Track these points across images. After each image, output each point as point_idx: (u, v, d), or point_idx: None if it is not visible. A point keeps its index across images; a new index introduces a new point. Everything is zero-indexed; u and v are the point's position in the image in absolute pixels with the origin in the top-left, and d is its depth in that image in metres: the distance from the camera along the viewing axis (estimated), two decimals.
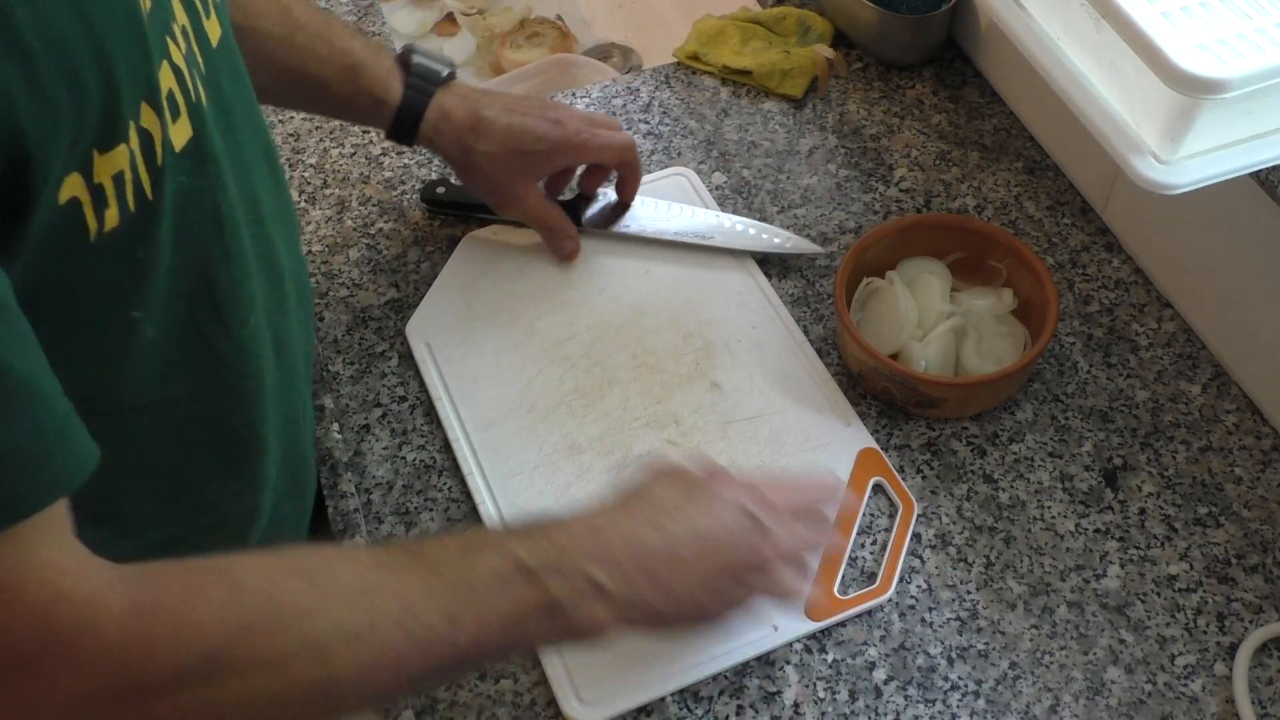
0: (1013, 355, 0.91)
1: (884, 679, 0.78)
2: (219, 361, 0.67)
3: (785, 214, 1.04)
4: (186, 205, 0.60)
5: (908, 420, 0.91)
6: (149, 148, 0.56)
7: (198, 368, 0.65)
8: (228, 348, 0.67)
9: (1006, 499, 0.86)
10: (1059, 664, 0.79)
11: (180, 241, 0.60)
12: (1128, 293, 0.98)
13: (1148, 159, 0.70)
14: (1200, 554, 0.84)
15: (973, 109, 1.12)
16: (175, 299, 0.61)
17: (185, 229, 0.60)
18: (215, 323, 0.65)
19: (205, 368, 0.66)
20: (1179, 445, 0.89)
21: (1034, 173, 1.07)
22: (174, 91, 0.58)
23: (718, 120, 1.12)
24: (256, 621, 0.54)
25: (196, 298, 0.63)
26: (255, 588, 0.55)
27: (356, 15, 1.23)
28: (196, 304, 0.63)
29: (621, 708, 0.76)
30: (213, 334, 0.65)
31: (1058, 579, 0.82)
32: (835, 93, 1.15)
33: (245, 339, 0.68)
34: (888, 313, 0.93)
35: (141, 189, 0.55)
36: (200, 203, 0.61)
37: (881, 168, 1.08)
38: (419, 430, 0.91)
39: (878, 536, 0.85)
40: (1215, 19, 0.68)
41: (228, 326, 0.66)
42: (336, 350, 0.96)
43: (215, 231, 0.63)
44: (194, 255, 0.62)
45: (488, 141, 0.91)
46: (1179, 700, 0.77)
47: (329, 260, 1.01)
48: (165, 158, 0.57)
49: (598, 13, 1.47)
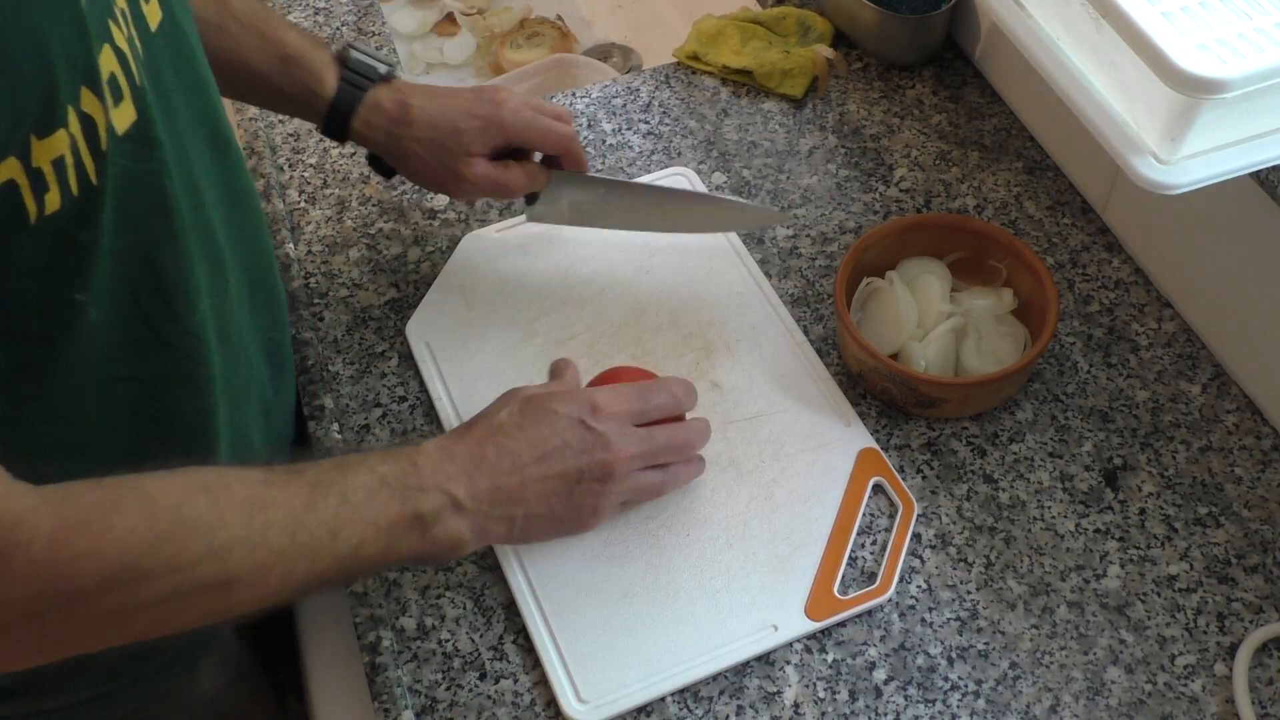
0: (1013, 355, 0.91)
1: (884, 679, 0.78)
2: (165, 345, 0.68)
3: (785, 214, 1.04)
4: (130, 189, 0.61)
5: (908, 420, 0.91)
6: (91, 132, 0.56)
7: (143, 351, 0.67)
8: (174, 332, 0.68)
9: (1006, 499, 0.86)
10: (1059, 664, 0.79)
11: (123, 225, 0.61)
12: (1128, 293, 0.98)
13: (1148, 159, 0.70)
14: (1200, 554, 0.84)
15: (973, 109, 1.12)
16: (119, 283, 0.63)
17: (128, 213, 0.61)
18: (161, 307, 0.67)
19: (151, 351, 0.68)
20: (1179, 445, 0.89)
21: (1034, 173, 1.07)
22: (116, 75, 0.58)
23: (718, 120, 1.12)
24: (169, 533, 0.60)
25: (141, 282, 0.64)
26: (167, 504, 0.60)
27: (356, 15, 1.23)
28: (141, 288, 0.65)
29: (621, 708, 0.76)
30: (158, 318, 0.67)
31: (1058, 579, 0.82)
32: (835, 93, 1.15)
33: (195, 325, 0.69)
34: (888, 313, 0.93)
35: (84, 173, 0.57)
36: (145, 187, 0.62)
37: (881, 168, 1.08)
38: (419, 430, 0.91)
39: (878, 536, 0.85)
40: (1215, 19, 0.68)
41: (175, 311, 0.68)
42: (336, 350, 0.96)
43: (161, 216, 0.64)
44: (138, 239, 0.63)
45: (417, 128, 0.88)
46: (1179, 700, 0.77)
47: (329, 260, 1.01)
48: (108, 142, 0.58)
49: (598, 13, 1.47)
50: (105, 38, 0.58)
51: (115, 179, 0.59)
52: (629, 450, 0.76)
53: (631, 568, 0.82)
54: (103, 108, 0.57)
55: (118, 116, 0.59)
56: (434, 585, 0.83)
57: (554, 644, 0.79)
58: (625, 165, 1.08)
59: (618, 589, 0.81)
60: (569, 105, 1.14)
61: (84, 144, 0.56)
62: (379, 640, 0.80)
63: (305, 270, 1.01)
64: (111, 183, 0.59)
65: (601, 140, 1.10)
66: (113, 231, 0.60)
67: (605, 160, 1.09)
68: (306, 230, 1.04)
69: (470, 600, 0.82)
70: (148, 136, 0.62)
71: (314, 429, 0.91)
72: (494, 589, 0.83)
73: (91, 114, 0.56)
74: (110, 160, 0.58)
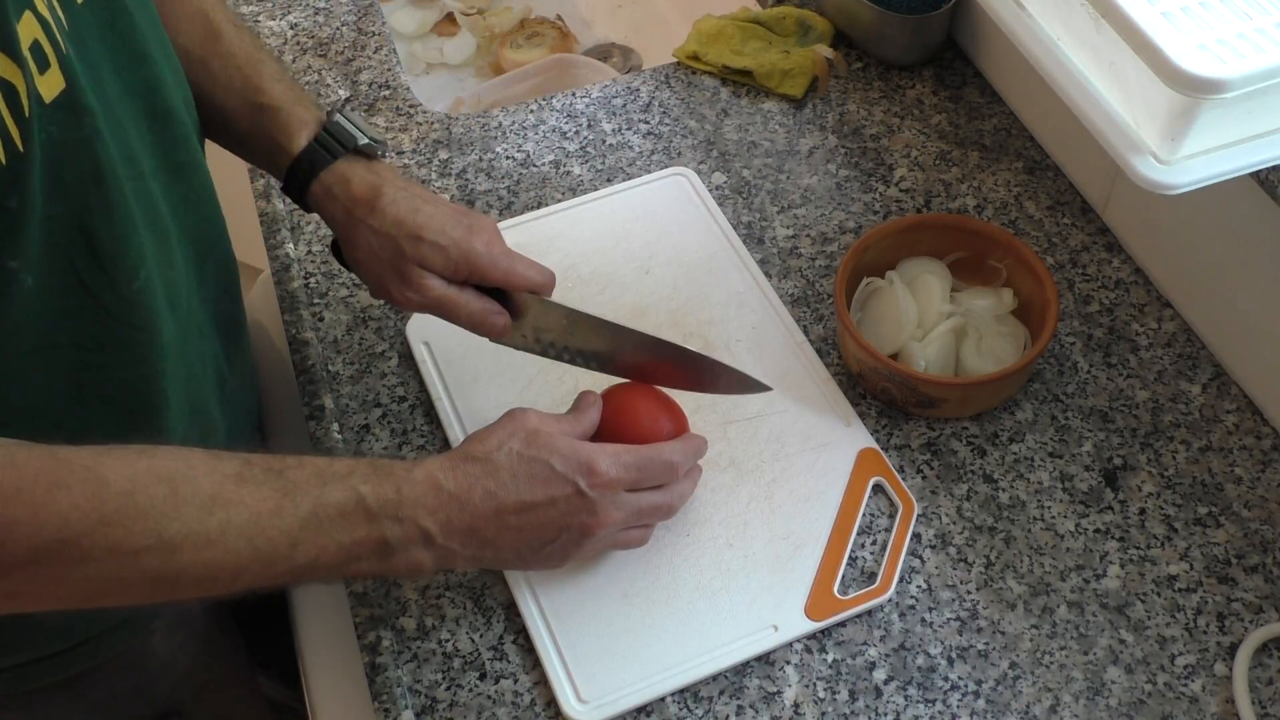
0: (1013, 355, 0.91)
1: (884, 679, 0.78)
2: (105, 312, 0.68)
3: (785, 214, 1.04)
4: (60, 156, 0.61)
5: (908, 420, 0.91)
6: (12, 98, 0.56)
7: (82, 317, 0.67)
8: (112, 299, 0.68)
9: (1006, 499, 0.86)
10: (1059, 664, 0.79)
11: (54, 192, 0.61)
12: (1128, 293, 0.98)
13: (1148, 159, 0.70)
14: (1200, 554, 0.84)
15: (973, 109, 1.12)
16: (53, 249, 0.63)
17: (59, 179, 0.61)
18: (99, 274, 0.66)
19: (91, 318, 0.67)
20: (1179, 445, 0.89)
21: (1034, 173, 1.07)
22: (40, 42, 0.58)
23: (718, 120, 1.12)
24: (115, 518, 0.59)
25: (75, 248, 0.64)
26: (119, 489, 0.60)
27: (356, 15, 1.23)
28: (76, 255, 0.64)
29: (621, 708, 0.76)
30: (96, 285, 0.66)
31: (1058, 579, 0.82)
32: (835, 93, 1.15)
33: (136, 292, 0.69)
34: (888, 313, 0.93)
35: (10, 139, 0.57)
36: (75, 154, 0.62)
37: (881, 168, 1.08)
38: (419, 430, 0.91)
39: (878, 536, 0.85)
40: (1215, 19, 0.68)
41: (113, 279, 0.67)
42: (336, 350, 0.96)
43: (93, 183, 0.64)
44: (71, 206, 0.63)
45: (380, 218, 0.80)
46: (1179, 700, 0.77)
47: (329, 260, 1.01)
48: (32, 108, 0.58)
49: (598, 13, 1.47)
50: (26, 4, 0.58)
51: (44, 146, 0.59)
52: (613, 517, 0.75)
53: (631, 568, 0.82)
54: (24, 74, 0.57)
55: (44, 84, 0.59)
56: (434, 585, 0.83)
57: (554, 644, 0.79)
58: (625, 165, 1.08)
59: (618, 589, 0.81)
60: (569, 105, 1.14)
61: (6, 111, 0.56)
62: (379, 640, 0.80)
63: (305, 270, 1.01)
64: (40, 150, 0.59)
65: (601, 140, 1.10)
66: (43, 198, 0.60)
67: (605, 160, 1.09)
68: (306, 230, 1.04)
69: (470, 600, 0.82)
70: (78, 104, 0.61)
71: (314, 429, 0.91)
72: (494, 589, 0.83)
73: (11, 80, 0.56)
74: (36, 126, 0.58)
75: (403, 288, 0.81)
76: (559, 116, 1.13)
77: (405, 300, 0.82)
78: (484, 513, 0.71)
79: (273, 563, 0.65)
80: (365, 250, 0.81)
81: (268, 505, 0.64)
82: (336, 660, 0.88)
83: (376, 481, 0.69)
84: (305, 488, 0.66)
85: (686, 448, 0.80)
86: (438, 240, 0.80)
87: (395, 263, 0.80)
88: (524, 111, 1.14)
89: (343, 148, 0.81)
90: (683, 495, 0.80)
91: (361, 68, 1.18)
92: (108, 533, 0.59)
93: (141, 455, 0.62)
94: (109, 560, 0.60)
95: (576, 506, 0.74)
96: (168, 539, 0.61)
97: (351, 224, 0.81)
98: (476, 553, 0.73)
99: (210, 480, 0.64)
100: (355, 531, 0.67)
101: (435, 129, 1.12)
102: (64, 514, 0.58)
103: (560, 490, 0.73)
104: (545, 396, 0.91)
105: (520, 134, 1.11)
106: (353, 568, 0.69)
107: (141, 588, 0.63)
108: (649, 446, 0.78)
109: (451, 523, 0.70)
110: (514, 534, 0.73)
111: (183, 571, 0.62)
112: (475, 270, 0.81)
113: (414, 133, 1.12)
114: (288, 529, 0.65)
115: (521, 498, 0.72)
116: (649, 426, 0.81)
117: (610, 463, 0.75)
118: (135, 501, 0.60)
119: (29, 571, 0.58)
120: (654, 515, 0.79)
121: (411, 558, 0.70)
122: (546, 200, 1.06)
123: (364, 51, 1.20)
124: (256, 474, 0.65)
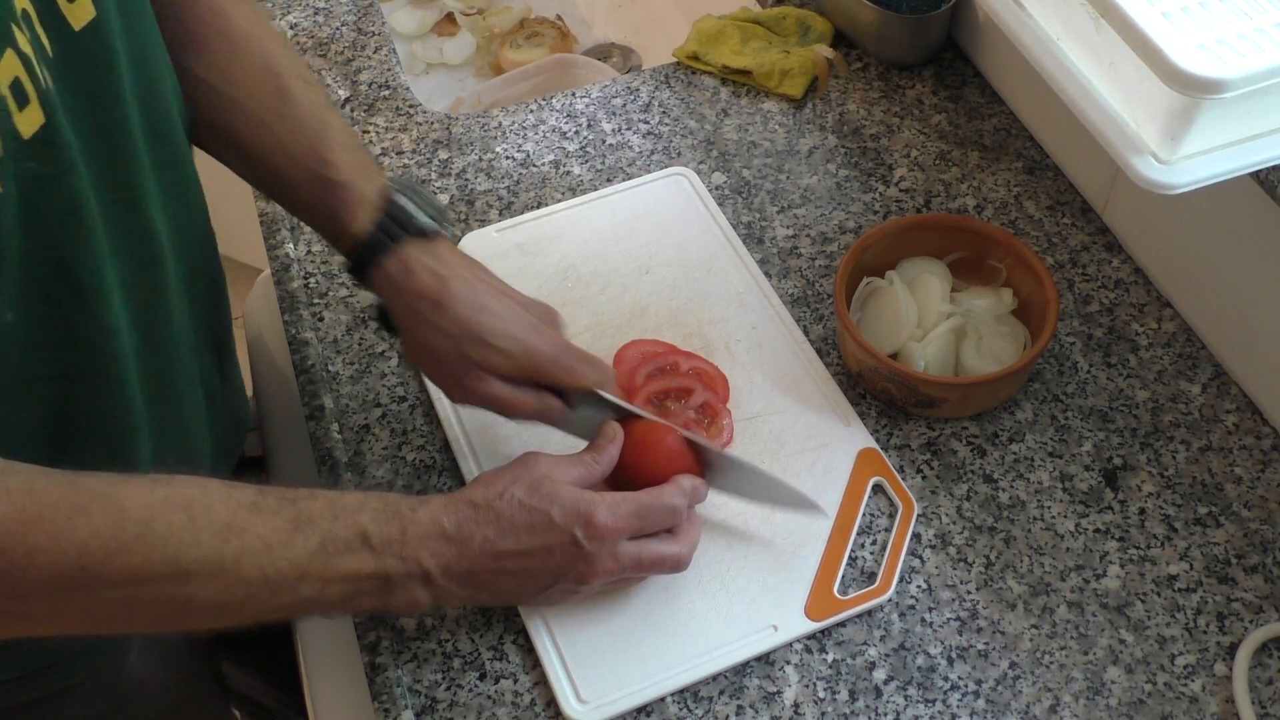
0: (1013, 355, 0.91)
1: (884, 679, 0.78)
2: (85, 343, 0.68)
3: (785, 214, 1.04)
4: (37, 192, 0.61)
5: (908, 420, 0.91)
6: None
7: (62, 350, 0.67)
8: (93, 330, 0.68)
9: (1006, 499, 0.86)
10: (1059, 664, 0.79)
11: (31, 228, 0.61)
12: (1128, 293, 0.98)
13: (1148, 159, 0.70)
14: (1200, 554, 0.84)
15: (973, 109, 1.12)
16: (32, 284, 0.63)
17: (36, 215, 0.61)
18: (77, 306, 0.67)
19: (69, 350, 0.68)
20: (1179, 445, 0.89)
21: (1034, 173, 1.07)
22: (20, 79, 0.58)
23: (717, 120, 1.12)
24: (134, 545, 0.60)
25: (54, 282, 0.64)
26: (138, 516, 0.61)
27: (356, 15, 1.23)
28: (55, 288, 0.65)
29: (621, 708, 0.76)
30: (75, 317, 0.67)
31: (1058, 579, 0.82)
32: (835, 93, 1.15)
33: (110, 321, 0.69)
34: (888, 313, 0.93)
35: None
36: (51, 190, 0.62)
37: (881, 168, 1.08)
38: (419, 430, 0.91)
39: (878, 536, 0.85)
40: (1215, 19, 0.68)
41: (91, 310, 0.67)
42: (336, 350, 0.96)
43: (69, 218, 0.64)
44: (48, 241, 0.63)
45: (443, 317, 0.77)
46: (1179, 700, 0.77)
47: (329, 260, 1.01)
48: (8, 145, 0.58)
49: (598, 13, 1.47)
50: (7, 42, 0.57)
51: (20, 182, 0.59)
52: (608, 566, 0.75)
53: None
54: (4, 113, 0.57)
55: (22, 121, 0.59)
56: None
57: (554, 644, 0.79)
58: (625, 165, 1.08)
59: (618, 589, 0.81)
60: (569, 105, 1.14)
61: None
62: (379, 640, 0.80)
63: (305, 270, 1.01)
64: (16, 186, 0.59)
65: (601, 140, 1.10)
66: (20, 235, 0.61)
67: (605, 160, 1.09)
68: (306, 230, 1.04)
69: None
70: (55, 139, 0.61)
71: (314, 429, 0.91)
72: None
73: None
74: (14, 164, 0.58)
75: (461, 389, 0.80)
76: (559, 116, 1.13)
77: (461, 399, 0.81)
78: (482, 558, 0.72)
79: (279, 591, 0.66)
80: (425, 348, 0.79)
81: (279, 536, 0.65)
82: (336, 660, 0.88)
83: (381, 521, 0.70)
84: (317, 520, 0.67)
85: (686, 489, 0.79)
86: (502, 345, 0.77)
87: (456, 364, 0.78)
88: (524, 111, 1.14)
89: (404, 230, 0.79)
90: (694, 542, 0.79)
91: (361, 68, 1.18)
92: (127, 559, 0.60)
93: (158, 484, 0.63)
94: (126, 586, 0.60)
95: (572, 556, 0.74)
96: (185, 566, 0.62)
97: (414, 318, 0.79)
98: (473, 594, 0.74)
99: (226, 508, 0.64)
100: (360, 564, 0.68)
101: (435, 129, 1.12)
102: (84, 541, 0.58)
103: (557, 539, 0.74)
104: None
105: (520, 134, 1.11)
106: (354, 603, 0.70)
107: (152, 615, 0.64)
108: (648, 492, 0.77)
109: (450, 566, 0.71)
110: (510, 579, 0.74)
111: (195, 598, 0.63)
112: (539, 372, 0.79)
113: (414, 133, 1.12)
114: (297, 560, 0.66)
115: (519, 546, 0.73)
116: (665, 467, 0.79)
117: (608, 514, 0.74)
118: (154, 529, 0.61)
119: (48, 596, 0.59)
120: (661, 566, 0.78)
121: (410, 595, 0.71)
122: (546, 200, 1.06)
123: (364, 51, 1.20)
124: (270, 503, 0.66)
